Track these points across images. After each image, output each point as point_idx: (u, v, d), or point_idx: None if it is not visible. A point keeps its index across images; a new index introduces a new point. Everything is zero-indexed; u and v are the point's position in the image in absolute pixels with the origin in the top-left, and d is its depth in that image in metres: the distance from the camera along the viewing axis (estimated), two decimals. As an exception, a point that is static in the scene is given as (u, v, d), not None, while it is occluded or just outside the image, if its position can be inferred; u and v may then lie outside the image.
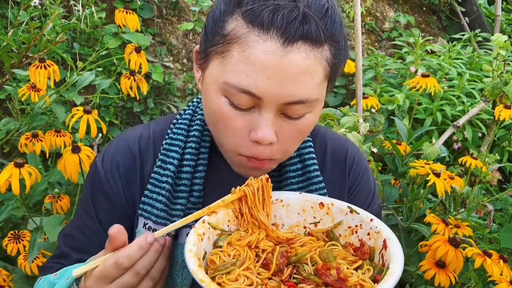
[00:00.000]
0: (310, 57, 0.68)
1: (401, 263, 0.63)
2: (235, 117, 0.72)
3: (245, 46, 0.68)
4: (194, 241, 0.67)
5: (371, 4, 4.09)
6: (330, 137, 0.96)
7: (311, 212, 0.80)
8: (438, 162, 2.04)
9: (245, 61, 0.67)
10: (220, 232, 0.73)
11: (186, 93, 3.19)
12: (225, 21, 0.71)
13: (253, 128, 0.72)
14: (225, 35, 0.70)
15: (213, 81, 0.73)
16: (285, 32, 0.66)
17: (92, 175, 0.90)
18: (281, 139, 0.74)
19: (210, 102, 0.74)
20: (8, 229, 1.52)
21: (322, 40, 0.69)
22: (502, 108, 1.56)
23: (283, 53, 0.66)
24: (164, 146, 0.87)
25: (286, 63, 0.67)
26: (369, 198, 0.95)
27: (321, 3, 0.69)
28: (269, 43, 0.66)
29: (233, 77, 0.69)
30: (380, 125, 1.78)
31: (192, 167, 0.85)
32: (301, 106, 0.71)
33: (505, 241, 1.45)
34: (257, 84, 0.68)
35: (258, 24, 0.67)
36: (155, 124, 0.92)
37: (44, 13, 2.62)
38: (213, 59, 0.73)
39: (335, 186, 0.92)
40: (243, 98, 0.69)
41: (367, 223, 0.74)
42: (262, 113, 0.71)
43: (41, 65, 1.36)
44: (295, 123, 0.74)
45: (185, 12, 3.34)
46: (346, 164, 0.93)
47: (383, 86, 3.10)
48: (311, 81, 0.70)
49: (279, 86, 0.68)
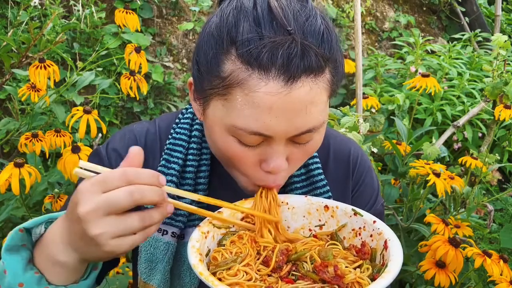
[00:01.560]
0: (314, 89, 0.67)
1: (399, 261, 0.64)
2: (246, 154, 0.72)
3: (247, 90, 0.66)
4: (197, 238, 0.69)
5: (371, 4, 4.09)
6: (332, 137, 0.96)
7: (316, 215, 0.81)
8: (438, 162, 2.04)
9: (250, 105, 0.66)
10: (225, 231, 0.75)
11: (186, 93, 3.19)
12: (220, 62, 0.68)
13: (265, 159, 0.73)
14: (224, 77, 0.68)
15: (217, 121, 0.72)
16: (287, 71, 0.65)
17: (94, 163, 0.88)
18: (291, 162, 0.75)
19: (218, 140, 0.73)
20: (8, 229, 1.52)
21: (323, 67, 0.68)
22: (502, 108, 1.56)
23: (287, 91, 0.65)
24: (167, 146, 0.87)
25: (291, 100, 0.66)
26: (372, 197, 0.95)
27: (316, 28, 0.68)
28: (271, 84, 0.65)
29: (240, 121, 0.68)
30: (380, 125, 1.78)
31: (195, 167, 0.85)
32: (310, 134, 0.71)
33: (505, 241, 1.45)
34: (266, 125, 0.67)
35: (257, 66, 0.65)
36: (160, 120, 0.92)
37: (44, 13, 2.61)
38: (213, 100, 0.71)
39: (339, 185, 0.92)
40: (253, 138, 0.69)
41: (370, 225, 0.75)
42: (272, 146, 0.71)
43: (41, 65, 1.36)
44: (304, 147, 0.74)
45: (185, 12, 3.34)
46: (350, 163, 0.93)
47: (383, 86, 3.10)
48: (316, 109, 0.69)
49: (288, 122, 0.67)
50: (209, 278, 0.60)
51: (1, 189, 1.17)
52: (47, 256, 0.66)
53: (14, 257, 0.66)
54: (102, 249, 0.60)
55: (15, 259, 0.66)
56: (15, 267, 0.65)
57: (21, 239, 0.68)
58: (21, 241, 0.68)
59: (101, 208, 0.58)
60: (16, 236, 0.67)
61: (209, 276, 0.61)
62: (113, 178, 0.60)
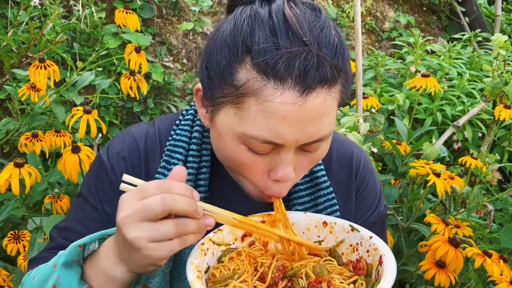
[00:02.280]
0: (327, 100, 0.68)
1: (392, 277, 0.65)
2: (255, 162, 0.72)
3: (262, 99, 0.66)
4: (196, 255, 0.71)
5: (371, 4, 4.09)
6: (334, 140, 0.96)
7: (315, 231, 0.82)
8: (438, 162, 2.04)
9: (264, 114, 0.66)
10: (225, 248, 0.77)
11: (186, 93, 3.19)
12: (235, 71, 0.68)
13: (273, 168, 0.73)
14: (238, 86, 0.68)
15: (228, 128, 0.72)
16: (303, 82, 0.65)
17: (96, 169, 0.88)
18: (297, 171, 0.75)
19: (227, 148, 0.74)
20: (8, 229, 1.52)
21: (336, 78, 0.69)
22: (502, 108, 1.56)
23: (302, 101, 0.66)
24: (168, 147, 0.87)
25: (305, 110, 0.66)
26: (376, 200, 0.95)
27: (330, 40, 0.68)
28: (287, 94, 0.65)
29: (253, 130, 0.68)
30: (380, 125, 1.78)
31: (195, 168, 0.85)
32: (319, 143, 0.72)
33: (505, 241, 1.46)
34: (279, 134, 0.68)
35: (273, 76, 0.65)
36: (160, 122, 0.92)
37: (44, 13, 2.61)
38: (225, 108, 0.71)
39: (343, 188, 0.92)
40: (264, 147, 0.70)
41: (367, 240, 0.76)
42: (281, 154, 0.71)
43: (41, 65, 1.36)
44: (312, 155, 0.75)
45: (185, 12, 3.34)
46: (353, 167, 0.93)
47: (383, 86, 3.10)
48: (328, 119, 0.70)
49: (300, 131, 0.68)
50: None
51: (1, 189, 1.17)
52: (99, 271, 0.70)
53: (69, 272, 0.70)
54: (142, 253, 0.63)
55: (70, 274, 0.70)
56: (71, 282, 0.69)
57: (77, 255, 0.71)
58: (77, 257, 0.71)
59: (136, 213, 0.62)
60: (74, 251, 0.71)
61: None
62: (149, 188, 0.64)
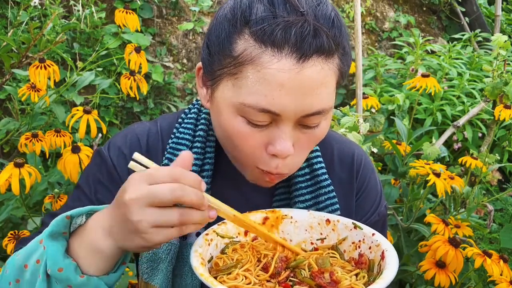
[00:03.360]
0: (325, 69, 0.69)
1: (394, 270, 0.66)
2: (253, 135, 0.72)
3: (260, 67, 0.67)
4: (200, 243, 0.71)
5: (371, 4, 4.09)
6: (336, 139, 0.97)
7: (318, 229, 0.82)
8: (438, 162, 2.04)
9: (261, 81, 0.67)
10: (228, 241, 0.77)
11: (186, 93, 3.19)
12: (233, 42, 0.70)
13: (271, 142, 0.73)
14: (236, 56, 0.69)
15: (226, 102, 0.72)
16: (300, 49, 0.66)
17: (97, 163, 0.88)
18: (296, 149, 0.75)
19: (225, 122, 0.74)
20: (8, 229, 1.52)
21: (334, 50, 0.70)
22: (502, 108, 1.56)
23: (298, 69, 0.67)
24: (170, 145, 0.87)
25: (302, 78, 0.67)
26: (376, 200, 0.95)
27: (327, 14, 0.69)
28: (284, 61, 0.66)
29: (251, 98, 0.69)
30: (380, 125, 1.78)
31: (199, 166, 0.85)
32: (318, 116, 0.72)
33: (505, 241, 1.45)
34: (276, 102, 0.68)
35: (270, 43, 0.66)
36: (162, 120, 0.92)
37: (44, 13, 2.61)
38: (223, 81, 0.72)
39: (344, 187, 0.92)
40: (261, 116, 0.70)
41: (369, 237, 0.77)
42: (280, 127, 0.71)
43: (41, 65, 1.36)
44: (311, 133, 0.75)
45: (185, 12, 3.34)
46: (354, 166, 0.94)
47: (383, 86, 3.10)
48: (326, 91, 0.71)
49: (297, 101, 0.68)
50: (209, 279, 0.62)
51: (1, 189, 1.17)
52: (87, 244, 0.69)
53: (54, 244, 0.68)
54: (141, 236, 0.62)
55: (56, 245, 0.68)
56: (56, 252, 0.68)
57: (64, 226, 0.70)
58: (64, 228, 0.70)
59: (144, 198, 0.61)
60: (61, 222, 0.69)
61: (209, 277, 0.63)
62: (160, 174, 0.63)
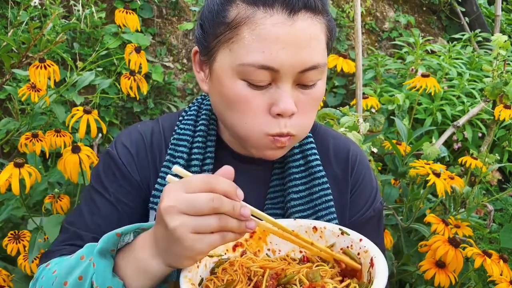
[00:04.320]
0: (315, 24, 0.74)
1: (384, 279, 0.66)
2: (255, 97, 0.75)
3: (254, 25, 0.71)
4: (189, 268, 0.69)
5: (371, 4, 4.09)
6: (331, 135, 0.98)
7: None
8: (438, 162, 2.04)
9: (257, 39, 0.71)
10: (217, 259, 0.76)
11: (186, 93, 3.19)
12: (226, 10, 0.74)
13: (274, 102, 0.75)
14: (230, 22, 0.73)
15: (225, 69, 0.75)
16: (289, 4, 0.71)
17: (107, 161, 0.89)
18: (299, 110, 0.77)
19: (227, 90, 0.76)
20: (8, 229, 1.52)
21: (320, 10, 0.75)
22: (502, 108, 1.56)
23: (291, 22, 0.71)
24: (172, 141, 0.89)
25: (295, 31, 0.71)
26: (371, 196, 0.96)
27: None
28: (276, 16, 0.71)
29: (249, 57, 0.72)
30: (380, 125, 1.78)
31: (200, 160, 0.87)
32: (315, 72, 0.75)
33: (505, 241, 1.45)
34: (273, 57, 0.71)
35: (262, 3, 0.71)
36: (163, 120, 0.95)
37: (44, 13, 2.61)
38: (220, 50, 0.76)
39: (339, 183, 0.93)
40: (262, 74, 0.73)
41: (357, 243, 0.76)
42: (280, 86, 0.74)
43: (41, 65, 1.36)
44: (310, 92, 0.77)
45: (185, 12, 3.34)
46: (349, 162, 0.94)
47: (383, 86, 3.10)
48: (319, 46, 0.75)
49: (294, 54, 0.72)
50: None
51: (1, 189, 1.17)
52: (134, 262, 0.69)
53: (104, 261, 0.69)
54: (182, 243, 0.61)
55: (105, 263, 0.68)
56: (105, 270, 0.68)
57: (114, 244, 0.70)
58: (113, 246, 0.70)
59: (181, 205, 0.61)
60: (112, 239, 0.69)
61: None
62: (195, 181, 0.63)
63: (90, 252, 0.71)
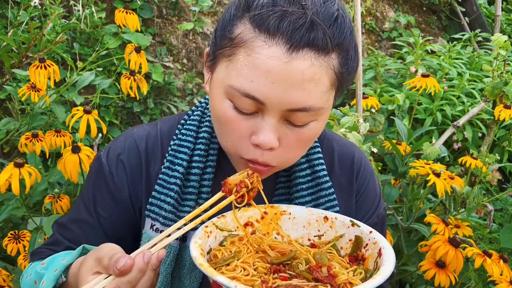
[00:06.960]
0: (316, 65, 0.67)
1: (391, 266, 0.66)
2: (238, 121, 0.72)
3: (251, 51, 0.68)
4: (200, 235, 0.72)
5: (371, 4, 4.09)
6: (336, 141, 0.96)
7: (316, 226, 0.82)
8: (438, 162, 2.04)
9: (250, 66, 0.68)
10: (227, 234, 0.77)
11: (186, 93, 3.19)
12: (234, 25, 0.71)
13: (255, 132, 0.72)
14: (233, 38, 0.70)
15: (219, 83, 0.73)
16: (291, 39, 0.66)
17: (95, 170, 0.89)
18: (283, 146, 0.74)
19: (215, 104, 0.74)
20: (8, 229, 1.52)
21: (329, 48, 0.68)
22: (502, 108, 1.56)
23: (288, 59, 0.66)
24: (172, 147, 0.87)
25: (290, 69, 0.66)
26: (375, 202, 0.96)
27: (330, 11, 0.69)
28: (274, 48, 0.66)
29: (237, 81, 0.69)
30: (380, 125, 1.78)
31: (201, 169, 0.85)
32: (305, 114, 0.70)
33: (505, 241, 1.45)
34: (260, 89, 0.67)
35: (264, 29, 0.67)
36: (162, 123, 0.92)
37: (44, 13, 2.61)
38: (220, 62, 0.73)
39: (344, 189, 0.92)
40: (246, 102, 0.69)
41: (366, 235, 0.77)
42: (265, 118, 0.70)
43: (41, 65, 1.36)
44: (299, 131, 0.73)
45: (185, 12, 3.34)
46: (354, 168, 0.94)
47: (383, 86, 3.10)
48: (316, 89, 0.69)
49: (283, 92, 0.67)
50: (208, 269, 0.63)
51: (1, 189, 1.17)
52: None
53: None
54: None
55: None
56: None
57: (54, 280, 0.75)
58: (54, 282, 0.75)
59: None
60: (52, 280, 0.74)
61: (209, 267, 0.63)
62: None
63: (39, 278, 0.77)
